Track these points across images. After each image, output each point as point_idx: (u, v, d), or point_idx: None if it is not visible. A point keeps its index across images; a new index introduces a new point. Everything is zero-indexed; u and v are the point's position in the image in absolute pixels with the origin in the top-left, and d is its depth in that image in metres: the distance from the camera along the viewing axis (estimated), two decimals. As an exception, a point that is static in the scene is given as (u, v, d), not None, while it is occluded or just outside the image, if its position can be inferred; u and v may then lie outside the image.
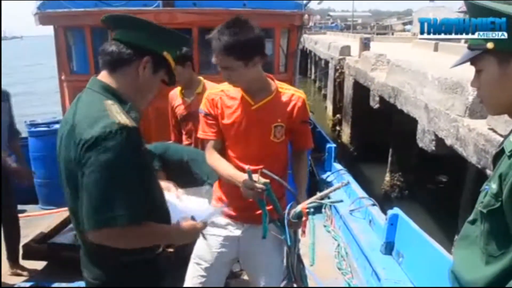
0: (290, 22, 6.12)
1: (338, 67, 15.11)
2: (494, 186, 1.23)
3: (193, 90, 3.53)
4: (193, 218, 1.71)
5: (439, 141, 6.36)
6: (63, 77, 6.26)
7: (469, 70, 1.36)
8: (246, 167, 2.02)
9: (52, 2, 6.01)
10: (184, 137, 3.76)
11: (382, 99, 9.52)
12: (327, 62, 18.35)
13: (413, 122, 7.44)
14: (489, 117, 4.95)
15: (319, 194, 2.12)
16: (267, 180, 1.98)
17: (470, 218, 1.36)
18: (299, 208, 2.07)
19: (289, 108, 2.19)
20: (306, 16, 6.24)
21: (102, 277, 1.63)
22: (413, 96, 7.53)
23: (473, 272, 1.29)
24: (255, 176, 1.97)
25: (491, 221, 1.24)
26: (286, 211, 2.09)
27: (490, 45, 1.22)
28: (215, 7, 6.06)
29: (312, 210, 2.09)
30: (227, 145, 2.23)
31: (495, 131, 4.75)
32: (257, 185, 1.95)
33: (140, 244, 1.54)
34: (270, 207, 2.10)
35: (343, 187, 4.52)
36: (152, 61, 1.60)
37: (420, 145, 7.14)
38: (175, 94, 3.86)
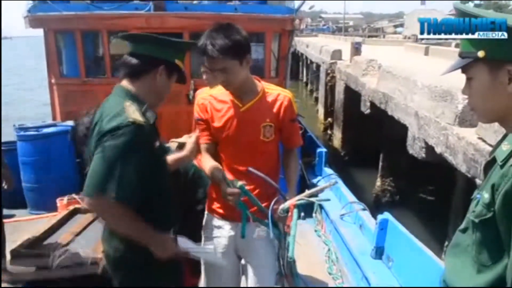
0: (281, 27, 6.14)
1: (329, 71, 15.15)
2: (486, 196, 1.22)
3: None
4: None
5: (429, 148, 6.38)
6: (53, 81, 6.23)
7: (460, 79, 1.35)
8: (250, 169, 2.12)
9: (42, 5, 5.99)
10: None
11: (373, 105, 9.56)
12: (318, 66, 18.40)
13: (404, 128, 7.47)
14: (479, 126, 4.97)
15: (307, 192, 2.15)
16: (243, 182, 2.07)
17: (462, 226, 1.35)
18: (287, 204, 2.11)
19: (276, 108, 2.25)
20: (297, 21, 6.26)
21: (120, 248, 1.89)
22: (403, 102, 7.56)
23: (464, 281, 1.29)
24: (234, 180, 2.08)
25: (483, 230, 1.24)
26: (270, 207, 2.12)
27: (481, 54, 1.22)
28: (206, 12, 6.06)
29: (300, 208, 2.14)
30: (220, 147, 2.30)
31: (484, 141, 4.77)
32: (230, 190, 2.06)
33: (119, 224, 1.81)
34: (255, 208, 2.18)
35: (333, 191, 4.53)
36: (166, 69, 1.94)
37: (410, 151, 7.17)
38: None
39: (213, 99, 2.26)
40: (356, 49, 13.22)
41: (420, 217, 8.88)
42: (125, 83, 1.95)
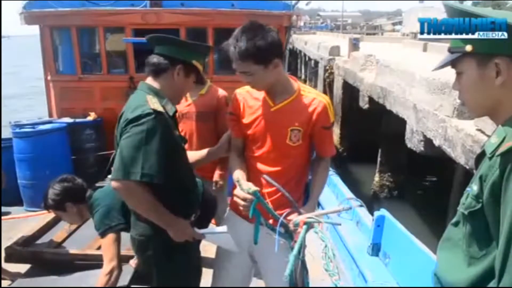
0: (278, 23, 6.11)
1: (327, 67, 15.14)
2: (475, 187, 1.23)
3: (198, 90, 3.47)
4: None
5: (428, 141, 6.38)
6: (49, 77, 6.21)
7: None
8: (234, 177, 2.08)
9: (38, 2, 5.96)
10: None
11: (371, 100, 9.55)
12: (316, 62, 18.39)
13: (402, 122, 7.46)
14: (477, 118, 4.97)
15: (320, 211, 2.09)
16: (256, 188, 1.95)
17: (454, 220, 1.36)
18: (298, 219, 2.02)
19: (308, 112, 2.13)
20: (294, 17, 6.23)
21: (144, 233, 2.10)
22: (402, 96, 7.55)
23: (455, 274, 1.29)
24: (246, 185, 1.97)
25: (472, 222, 1.25)
26: (282, 217, 2.03)
27: (469, 48, 1.23)
28: (203, 8, 6.03)
29: (308, 225, 2.03)
30: (246, 145, 2.28)
31: (483, 132, 4.76)
32: (242, 194, 1.97)
33: (141, 206, 1.98)
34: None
35: (330, 187, 4.52)
36: (183, 68, 2.13)
37: (409, 145, 7.16)
38: None
39: (248, 94, 2.23)
40: (354, 45, 13.21)
41: (419, 212, 8.90)
42: (148, 80, 2.17)
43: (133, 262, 3.21)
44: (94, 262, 3.26)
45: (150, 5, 6.02)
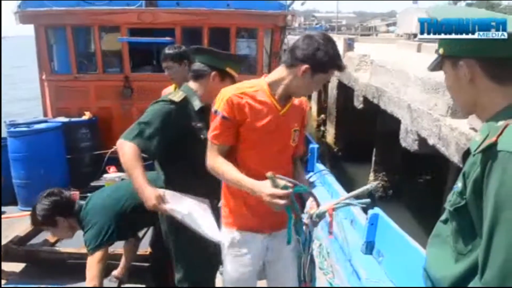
0: (273, 23, 6.14)
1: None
2: (459, 184, 1.26)
3: None
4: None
5: (422, 140, 6.42)
6: (44, 77, 6.20)
7: None
8: (269, 174, 1.89)
9: (33, 1, 5.96)
10: None
11: (366, 99, 9.58)
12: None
13: (397, 122, 7.50)
14: (471, 116, 5.00)
15: (342, 198, 2.11)
16: (289, 184, 1.91)
17: (443, 217, 1.38)
18: (324, 208, 2.06)
19: (301, 111, 2.19)
20: (289, 17, 6.26)
21: (167, 227, 2.53)
22: (396, 96, 7.59)
23: (443, 270, 1.31)
24: (281, 182, 1.88)
25: (458, 219, 1.27)
26: (307, 211, 2.07)
27: (441, 51, 1.30)
28: (198, 7, 6.05)
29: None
30: (242, 149, 2.08)
31: (476, 131, 4.80)
32: (280, 192, 1.86)
33: (125, 162, 2.31)
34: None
35: (324, 187, 4.54)
36: (218, 74, 2.48)
37: (403, 144, 7.20)
38: (168, 92, 3.87)
39: (249, 98, 2.02)
40: (349, 45, 13.25)
41: (413, 210, 8.94)
42: (190, 83, 2.57)
43: (117, 272, 3.22)
44: None
45: (146, 5, 6.03)
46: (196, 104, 2.50)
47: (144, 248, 3.43)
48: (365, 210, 4.10)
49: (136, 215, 2.80)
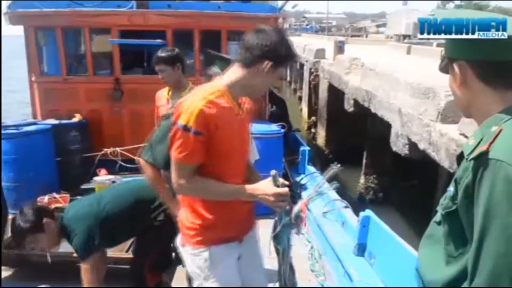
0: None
1: (313, 70, 15.20)
2: (452, 188, 1.27)
3: (180, 92, 3.49)
4: None
5: (412, 145, 6.44)
6: (33, 78, 6.15)
7: (443, 76, 1.41)
8: (272, 172, 1.86)
9: (23, 2, 5.91)
10: None
11: (356, 103, 9.61)
12: (302, 65, 18.45)
13: (387, 126, 7.53)
14: (461, 122, 5.04)
15: (313, 189, 2.10)
16: (286, 182, 1.90)
17: (437, 219, 1.38)
18: (297, 206, 2.03)
19: (249, 112, 2.11)
20: (280, 20, 6.27)
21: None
22: (386, 100, 7.62)
23: (434, 272, 1.32)
24: (279, 180, 1.87)
25: (449, 222, 1.28)
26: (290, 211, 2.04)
27: (443, 52, 1.33)
28: (189, 10, 6.04)
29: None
30: (214, 162, 1.92)
31: (466, 136, 4.83)
32: (285, 190, 1.85)
33: (147, 179, 2.85)
34: None
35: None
36: None
37: (394, 148, 7.22)
38: (162, 94, 3.88)
39: (216, 106, 1.85)
40: (339, 48, 13.30)
41: (404, 213, 8.97)
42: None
43: None
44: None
45: (137, 7, 6.01)
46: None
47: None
48: (356, 213, 4.13)
49: (120, 223, 2.82)
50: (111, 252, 3.28)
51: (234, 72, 1.93)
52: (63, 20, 5.95)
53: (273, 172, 1.87)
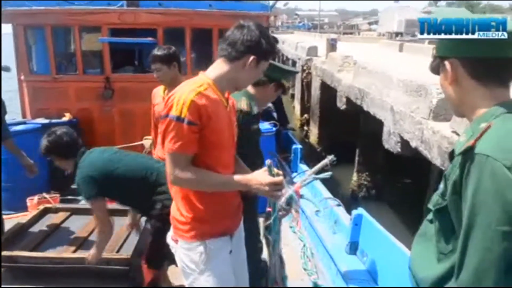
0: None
1: (305, 68, 15.19)
2: (441, 185, 1.29)
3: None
4: None
5: (404, 143, 6.45)
6: (22, 77, 6.09)
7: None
8: (268, 162, 1.91)
9: (12, 0, 5.85)
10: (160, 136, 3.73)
11: (349, 100, 9.62)
12: (294, 62, 18.45)
13: (379, 123, 7.54)
14: (453, 120, 5.05)
15: (306, 175, 2.11)
16: (280, 172, 1.95)
17: (429, 217, 1.40)
18: (291, 191, 2.02)
19: (233, 105, 2.19)
20: (272, 18, 6.26)
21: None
22: (379, 98, 7.63)
23: (426, 270, 1.33)
24: (274, 170, 1.91)
25: (440, 219, 1.30)
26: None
27: (434, 51, 1.33)
28: (180, 8, 6.01)
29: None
30: (206, 153, 1.94)
31: (458, 134, 4.84)
32: (280, 179, 1.90)
33: None
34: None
35: (308, 187, 4.54)
36: (275, 85, 2.91)
37: (386, 146, 7.24)
38: (158, 93, 3.84)
39: (206, 98, 1.87)
40: (332, 46, 13.30)
41: (396, 211, 9.00)
42: (249, 87, 2.84)
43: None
44: (71, 266, 3.21)
45: (127, 5, 5.97)
46: (255, 109, 2.79)
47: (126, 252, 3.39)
48: (349, 210, 4.12)
49: (121, 190, 2.97)
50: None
51: (219, 67, 1.98)
52: (52, 18, 5.90)
53: (268, 161, 1.91)
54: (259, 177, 1.91)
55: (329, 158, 2.18)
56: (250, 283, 2.32)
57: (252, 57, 1.91)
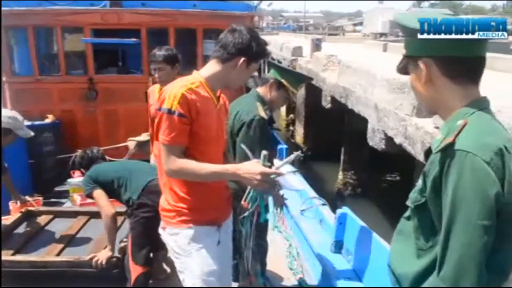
0: (240, 24, 6.11)
1: (290, 68, 15.19)
2: (420, 182, 1.31)
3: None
4: None
5: (389, 139, 6.49)
6: (4, 79, 6.00)
7: None
8: (264, 152, 2.00)
9: (-8, 1, 5.76)
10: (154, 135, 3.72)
11: (333, 99, 9.65)
12: (279, 63, 18.46)
13: (364, 121, 7.58)
14: (435, 116, 5.10)
15: (279, 163, 2.12)
16: (268, 164, 2.02)
17: (406, 214, 1.42)
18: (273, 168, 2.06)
19: (225, 105, 2.30)
20: (256, 18, 6.26)
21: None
22: (363, 96, 7.67)
23: (405, 266, 1.35)
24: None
25: (418, 216, 1.32)
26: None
27: (404, 52, 1.35)
28: (164, 8, 5.98)
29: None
30: (195, 147, 2.02)
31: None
32: (272, 170, 1.98)
33: None
34: None
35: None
36: (275, 83, 2.97)
37: (371, 143, 7.27)
38: (153, 93, 3.81)
39: (196, 94, 1.97)
40: (317, 46, 13.33)
41: (382, 208, 9.06)
42: (259, 89, 3.03)
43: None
44: (55, 269, 3.17)
45: (110, 5, 5.92)
46: (267, 113, 2.90)
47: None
48: (335, 209, 4.14)
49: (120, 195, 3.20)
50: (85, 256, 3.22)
51: (212, 67, 2.09)
52: (34, 19, 5.83)
53: (264, 152, 2.00)
54: (250, 167, 1.97)
55: (295, 154, 2.21)
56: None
57: (242, 59, 2.02)
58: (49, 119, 5.79)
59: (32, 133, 3.64)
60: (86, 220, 3.99)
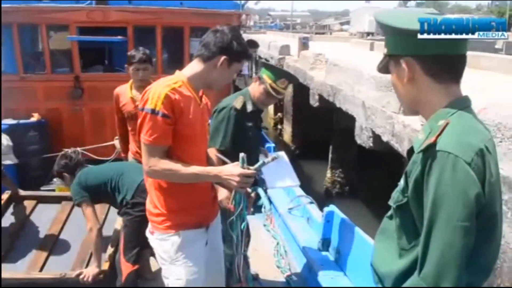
0: (227, 22, 6.09)
1: (278, 67, 15.18)
2: (402, 182, 1.30)
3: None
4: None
5: (376, 137, 6.52)
6: (-13, 77, 5.91)
7: None
8: (242, 154, 2.03)
9: (-24, -2, 5.68)
10: (130, 133, 3.72)
11: (321, 98, 9.67)
12: (267, 61, 18.46)
13: (352, 119, 7.60)
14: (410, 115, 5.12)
15: (257, 165, 2.13)
16: (250, 167, 2.05)
17: (389, 213, 1.41)
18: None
19: (207, 105, 2.30)
20: (243, 16, 6.25)
21: None
22: (351, 94, 7.69)
23: (387, 265, 1.35)
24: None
25: (400, 215, 1.31)
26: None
27: (385, 51, 1.34)
28: (151, 6, 5.95)
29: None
30: (178, 147, 2.03)
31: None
32: (251, 171, 2.01)
33: None
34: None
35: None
36: (257, 79, 3.11)
37: (358, 141, 7.30)
38: (124, 93, 3.78)
39: (179, 94, 1.97)
40: (304, 44, 13.33)
41: (369, 206, 9.11)
42: (250, 86, 3.15)
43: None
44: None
45: (96, 3, 5.87)
46: (249, 107, 3.00)
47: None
48: (323, 208, 4.15)
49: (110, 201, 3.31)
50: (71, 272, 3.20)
51: (194, 66, 2.10)
52: (19, 17, 5.76)
53: (242, 154, 2.03)
54: (230, 168, 2.01)
55: (271, 157, 2.24)
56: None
57: (223, 58, 2.03)
58: (35, 117, 5.73)
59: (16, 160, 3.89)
60: (71, 208, 4.01)
